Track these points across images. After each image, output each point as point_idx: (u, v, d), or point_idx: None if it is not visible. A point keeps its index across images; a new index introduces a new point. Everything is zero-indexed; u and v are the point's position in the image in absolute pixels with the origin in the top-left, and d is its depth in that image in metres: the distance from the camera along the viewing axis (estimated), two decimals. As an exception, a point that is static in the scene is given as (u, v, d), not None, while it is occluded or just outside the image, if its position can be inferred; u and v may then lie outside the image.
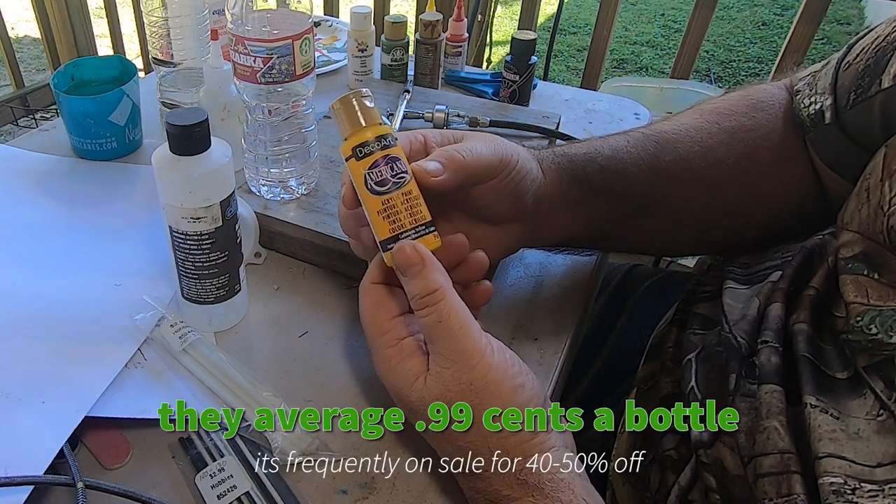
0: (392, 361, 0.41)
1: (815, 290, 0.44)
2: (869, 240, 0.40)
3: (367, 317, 0.43)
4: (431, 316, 0.39)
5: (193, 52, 0.73)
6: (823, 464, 0.37)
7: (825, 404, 0.38)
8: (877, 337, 0.37)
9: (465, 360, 0.38)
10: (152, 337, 0.51)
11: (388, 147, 0.42)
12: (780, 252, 0.53)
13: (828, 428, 0.37)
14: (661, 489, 0.48)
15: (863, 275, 0.39)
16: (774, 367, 0.42)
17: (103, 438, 0.45)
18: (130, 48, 2.46)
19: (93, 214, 0.66)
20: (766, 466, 0.40)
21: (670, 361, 0.53)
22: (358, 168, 0.41)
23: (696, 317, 0.53)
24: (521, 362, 0.40)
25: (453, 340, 0.39)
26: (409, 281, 0.40)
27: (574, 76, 2.87)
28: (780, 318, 0.45)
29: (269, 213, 0.60)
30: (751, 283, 0.51)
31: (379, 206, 0.41)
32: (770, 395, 0.41)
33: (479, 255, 0.45)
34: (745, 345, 0.46)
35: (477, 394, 0.38)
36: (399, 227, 0.41)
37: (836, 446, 0.37)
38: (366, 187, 0.41)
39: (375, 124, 0.42)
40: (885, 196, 0.39)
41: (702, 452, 0.44)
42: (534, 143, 0.72)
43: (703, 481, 0.44)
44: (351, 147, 0.41)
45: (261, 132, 0.59)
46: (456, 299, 0.40)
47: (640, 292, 0.78)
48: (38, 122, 1.99)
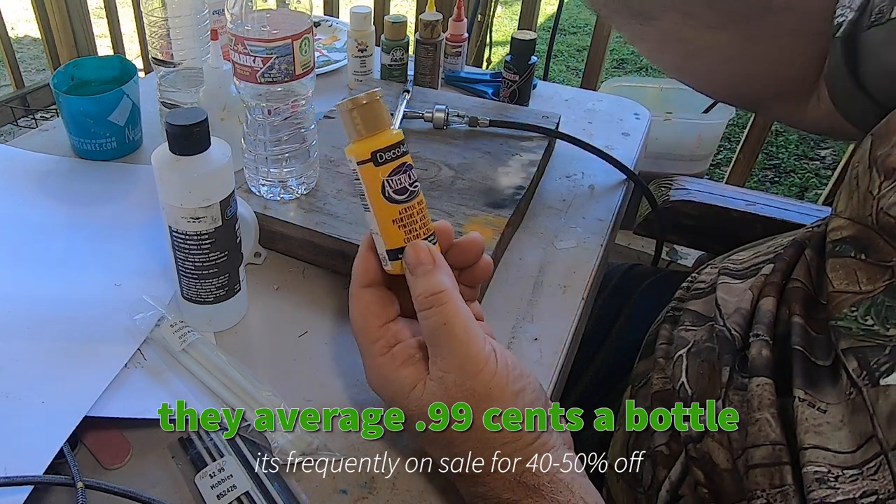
0: (384, 370, 0.41)
1: (800, 282, 0.45)
2: (858, 224, 0.40)
3: (357, 323, 0.43)
4: (436, 317, 0.39)
5: (193, 52, 0.73)
6: (808, 454, 0.37)
7: (812, 398, 0.39)
8: (872, 328, 0.37)
9: (469, 367, 0.38)
10: (152, 337, 0.51)
11: (404, 154, 0.40)
12: (772, 245, 0.53)
13: (814, 422, 0.38)
14: (653, 484, 0.48)
15: (850, 256, 0.39)
16: (765, 360, 0.43)
17: (103, 438, 0.45)
18: (130, 48, 2.45)
19: (93, 214, 0.66)
20: (758, 458, 0.40)
21: (662, 358, 0.53)
22: (375, 174, 0.39)
23: (689, 313, 0.53)
24: (521, 365, 0.40)
25: (457, 345, 0.38)
26: (417, 280, 0.40)
27: (574, 76, 2.87)
28: (771, 312, 0.45)
29: (269, 213, 0.60)
30: (745, 278, 0.51)
31: (395, 214, 0.40)
32: (761, 387, 0.41)
33: (487, 260, 0.45)
34: (738, 338, 0.46)
35: (479, 399, 0.38)
36: (414, 237, 0.41)
37: (822, 439, 0.37)
38: (382, 194, 0.40)
39: (390, 128, 0.40)
40: (874, 181, 0.39)
41: (691, 447, 0.45)
42: (534, 143, 0.72)
43: (693, 476, 0.44)
44: (370, 151, 0.39)
45: (260, 132, 0.59)
46: (461, 303, 0.40)
47: (639, 292, 0.78)
48: (38, 122, 1.99)
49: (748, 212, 0.79)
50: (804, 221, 0.76)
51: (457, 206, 0.62)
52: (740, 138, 1.60)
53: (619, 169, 0.73)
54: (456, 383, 0.38)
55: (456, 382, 0.38)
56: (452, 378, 0.38)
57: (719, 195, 0.82)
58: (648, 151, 0.89)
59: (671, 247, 1.58)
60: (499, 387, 0.38)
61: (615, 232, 0.72)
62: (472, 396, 0.38)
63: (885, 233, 0.38)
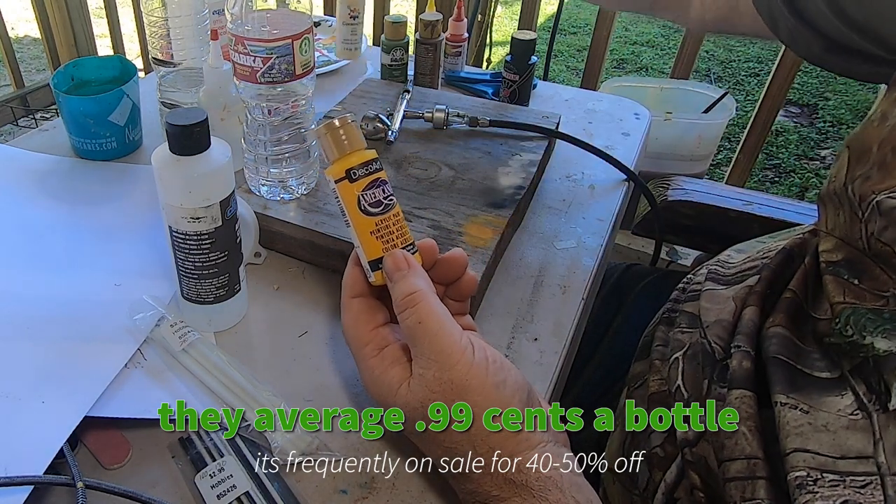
0: (375, 371, 0.42)
1: (792, 293, 0.44)
2: (850, 245, 0.40)
3: (349, 330, 0.44)
4: (412, 317, 0.40)
5: (193, 52, 0.73)
6: (790, 459, 0.37)
7: (795, 400, 0.39)
8: (852, 338, 0.37)
9: (445, 360, 0.39)
10: (152, 337, 0.51)
11: (378, 171, 0.44)
12: (761, 252, 0.53)
13: (795, 424, 0.38)
14: (649, 487, 0.48)
15: (844, 279, 0.40)
16: (746, 371, 0.42)
17: (103, 438, 0.45)
18: (130, 48, 2.46)
19: (93, 214, 0.66)
20: (733, 471, 0.40)
21: (658, 360, 0.53)
22: (351, 190, 0.43)
23: (684, 315, 0.53)
24: (504, 360, 0.41)
25: (433, 340, 0.39)
26: (395, 285, 0.42)
27: (574, 76, 2.87)
28: (753, 323, 0.45)
29: (269, 213, 0.60)
30: (730, 284, 0.51)
31: (372, 226, 0.43)
32: (740, 399, 0.41)
33: (471, 275, 0.46)
34: (718, 350, 0.46)
35: (459, 392, 0.38)
36: (392, 247, 0.44)
37: (802, 440, 0.37)
38: (358, 208, 0.43)
39: (364, 148, 0.44)
40: (853, 201, 0.39)
41: (687, 451, 0.44)
42: (534, 143, 0.72)
43: (689, 479, 0.44)
44: (344, 169, 0.43)
45: (260, 132, 0.59)
46: (436, 302, 0.41)
47: (636, 291, 0.78)
48: (38, 122, 1.99)
49: (746, 212, 0.79)
50: (802, 221, 0.76)
51: (457, 206, 0.62)
52: (740, 138, 1.60)
53: (619, 169, 0.73)
54: (435, 377, 0.39)
55: (435, 377, 0.39)
56: (431, 373, 0.39)
57: (717, 195, 0.82)
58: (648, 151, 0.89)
59: (671, 247, 1.58)
60: (477, 378, 0.38)
61: (615, 232, 0.72)
62: (451, 389, 0.38)
63: (880, 261, 0.37)
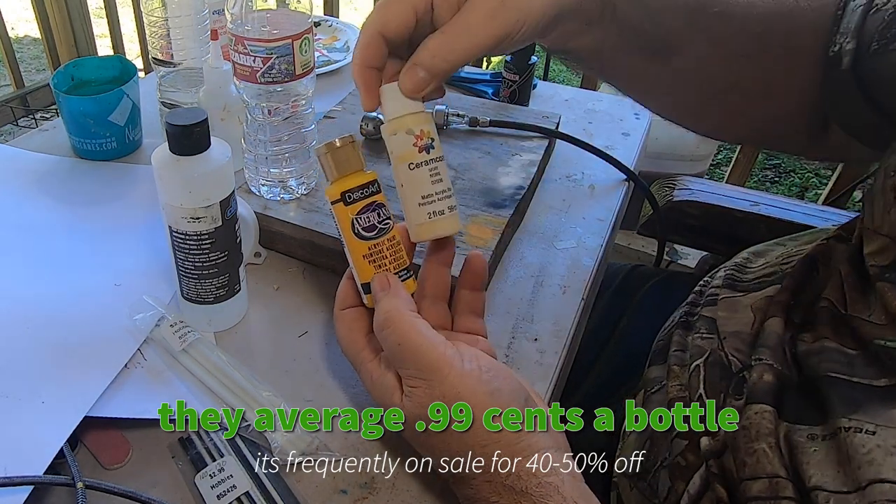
0: (374, 375, 0.42)
1: (828, 301, 0.42)
2: None
3: (343, 339, 0.44)
4: (392, 337, 0.39)
5: (193, 52, 0.73)
6: (867, 494, 0.33)
7: (859, 422, 0.35)
8: None
9: (433, 374, 0.38)
10: (152, 337, 0.51)
11: (375, 194, 0.43)
12: (780, 257, 0.52)
13: (864, 451, 0.34)
14: (670, 496, 0.46)
15: None
16: (767, 385, 0.41)
17: (103, 438, 0.45)
18: (130, 48, 2.45)
19: (93, 214, 0.66)
20: (755, 491, 0.38)
21: (676, 365, 0.52)
22: (346, 213, 0.42)
23: (704, 320, 0.52)
24: (500, 367, 0.40)
25: (417, 357, 0.38)
26: (376, 306, 0.41)
27: (574, 76, 2.86)
28: (778, 335, 0.43)
29: (269, 213, 0.60)
30: (748, 291, 0.49)
31: (365, 250, 0.43)
32: (760, 415, 0.40)
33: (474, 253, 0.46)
34: (735, 362, 0.45)
35: (451, 403, 0.37)
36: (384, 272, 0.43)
37: (875, 469, 0.34)
38: (352, 231, 0.43)
39: (362, 170, 0.43)
40: None
41: (712, 463, 0.43)
42: (534, 143, 0.72)
43: (715, 492, 0.42)
44: (339, 192, 0.42)
45: (260, 132, 0.59)
46: (416, 320, 0.40)
47: (641, 293, 0.78)
48: (38, 122, 1.99)
49: (752, 212, 0.78)
50: (808, 222, 0.76)
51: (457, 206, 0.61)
52: (740, 138, 1.59)
53: (620, 169, 0.73)
54: (426, 393, 0.38)
55: (426, 392, 0.38)
56: (421, 390, 0.38)
57: (723, 195, 0.81)
58: (648, 151, 0.88)
59: (671, 247, 1.58)
60: (468, 387, 0.37)
61: (615, 232, 0.72)
62: (443, 403, 0.38)
63: None
